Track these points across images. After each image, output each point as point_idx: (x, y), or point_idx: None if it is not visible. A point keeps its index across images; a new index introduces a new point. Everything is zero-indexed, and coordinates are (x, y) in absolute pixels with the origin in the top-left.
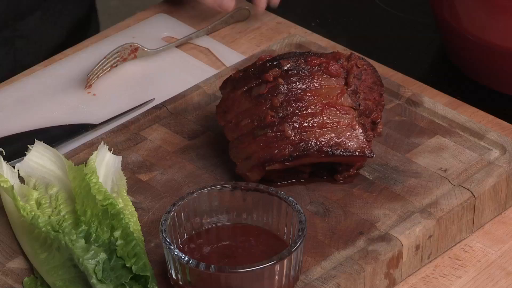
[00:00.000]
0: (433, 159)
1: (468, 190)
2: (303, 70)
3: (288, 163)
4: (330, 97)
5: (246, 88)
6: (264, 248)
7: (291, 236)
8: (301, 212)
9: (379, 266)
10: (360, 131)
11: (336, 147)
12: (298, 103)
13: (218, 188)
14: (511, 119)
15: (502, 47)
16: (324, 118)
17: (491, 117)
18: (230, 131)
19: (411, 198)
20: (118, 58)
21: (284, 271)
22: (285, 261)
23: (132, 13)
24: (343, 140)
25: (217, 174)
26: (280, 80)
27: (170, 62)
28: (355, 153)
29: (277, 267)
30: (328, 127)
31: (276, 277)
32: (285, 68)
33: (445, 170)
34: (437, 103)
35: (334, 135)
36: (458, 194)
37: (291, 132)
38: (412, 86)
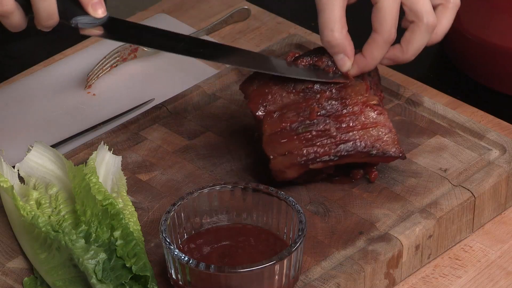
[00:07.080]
0: (433, 159)
1: (468, 190)
2: (336, 70)
3: (331, 163)
4: (364, 95)
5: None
6: (264, 248)
7: (291, 236)
8: (301, 212)
9: (379, 266)
10: (394, 131)
11: (377, 147)
12: (342, 101)
13: (218, 188)
14: (511, 119)
15: (502, 47)
16: (364, 118)
17: (491, 117)
18: (272, 124)
19: (411, 198)
20: (118, 58)
21: (284, 271)
22: (285, 261)
23: (132, 13)
24: (381, 141)
25: (217, 174)
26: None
27: (170, 62)
28: (392, 154)
29: (277, 267)
30: (368, 127)
31: (276, 277)
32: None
33: (445, 170)
34: (437, 103)
35: (374, 135)
36: (458, 194)
37: (336, 132)
38: (412, 86)
